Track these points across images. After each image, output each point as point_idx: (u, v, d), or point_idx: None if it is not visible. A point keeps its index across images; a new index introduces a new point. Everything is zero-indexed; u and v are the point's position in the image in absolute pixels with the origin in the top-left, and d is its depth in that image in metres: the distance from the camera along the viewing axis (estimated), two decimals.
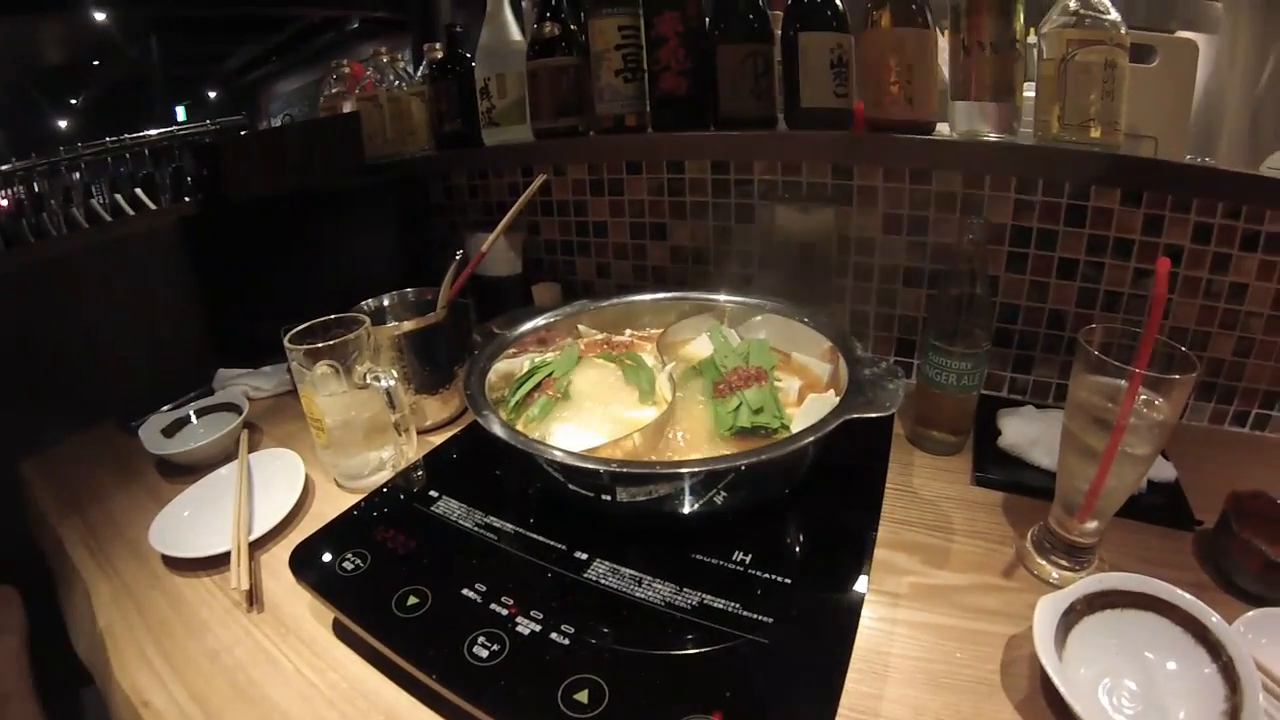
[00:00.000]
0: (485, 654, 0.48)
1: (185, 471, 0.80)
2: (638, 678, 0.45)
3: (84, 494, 0.81)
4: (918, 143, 0.79)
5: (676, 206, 1.02)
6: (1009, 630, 0.51)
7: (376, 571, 0.57)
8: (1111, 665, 0.47)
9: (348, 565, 0.59)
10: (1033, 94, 0.77)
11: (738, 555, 0.56)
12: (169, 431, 0.86)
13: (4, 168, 1.23)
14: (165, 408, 0.93)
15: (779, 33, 0.88)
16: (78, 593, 0.67)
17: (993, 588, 0.56)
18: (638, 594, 0.52)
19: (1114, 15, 0.71)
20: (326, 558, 0.60)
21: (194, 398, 0.94)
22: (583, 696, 0.44)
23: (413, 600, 0.53)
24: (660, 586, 0.53)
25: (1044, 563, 0.57)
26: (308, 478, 0.77)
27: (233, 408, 0.89)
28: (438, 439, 0.81)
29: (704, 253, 1.02)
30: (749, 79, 0.89)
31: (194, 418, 0.90)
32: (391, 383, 0.70)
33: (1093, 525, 0.55)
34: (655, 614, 0.51)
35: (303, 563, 0.60)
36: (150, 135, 1.43)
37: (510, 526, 0.62)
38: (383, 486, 0.71)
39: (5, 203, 1.27)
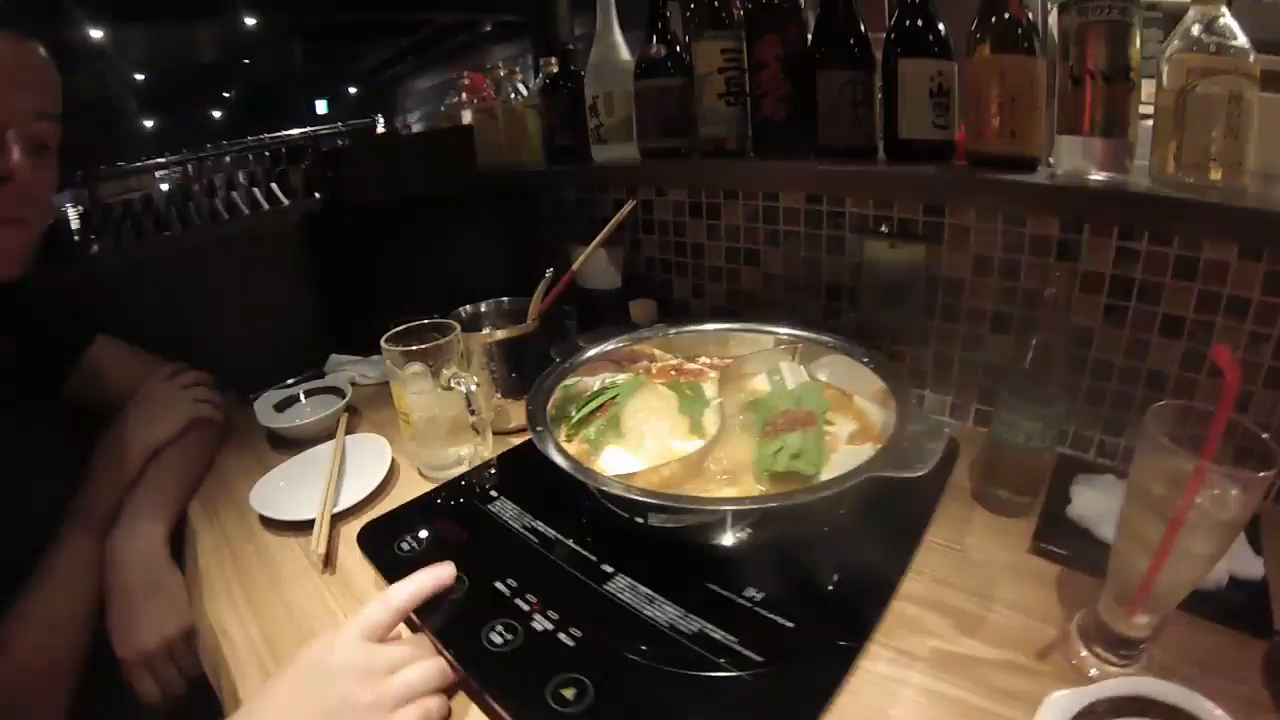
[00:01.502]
0: (500, 641, 0.53)
1: (290, 444, 0.91)
2: (620, 686, 0.48)
3: None
4: (1009, 184, 0.74)
5: (770, 234, 1.02)
6: (1026, 719, 0.48)
7: (427, 555, 0.64)
8: None
9: (405, 547, 0.66)
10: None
11: (749, 592, 0.56)
12: (280, 407, 0.98)
13: (159, 160, 1.45)
14: (279, 385, 1.04)
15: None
16: (188, 533, 0.80)
17: (1022, 669, 0.52)
18: (646, 612, 0.55)
19: (1242, 40, 0.63)
20: (389, 537, 0.68)
21: (306, 378, 1.06)
22: (569, 693, 0.48)
23: (497, 640, 0.56)
24: (669, 609, 0.55)
25: (1085, 652, 0.52)
26: (394, 463, 0.85)
27: (338, 391, 1.00)
28: (518, 440, 0.87)
29: (795, 281, 1.01)
30: (847, 107, 0.87)
31: (303, 397, 1.01)
32: (473, 388, 0.76)
33: (1144, 620, 0.50)
34: (657, 633, 0.53)
35: (369, 538, 0.69)
36: (288, 135, 1.62)
37: (552, 532, 0.67)
38: (458, 479, 0.78)
39: (166, 185, 1.48)
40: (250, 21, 6.62)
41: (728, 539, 0.58)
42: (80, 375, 0.89)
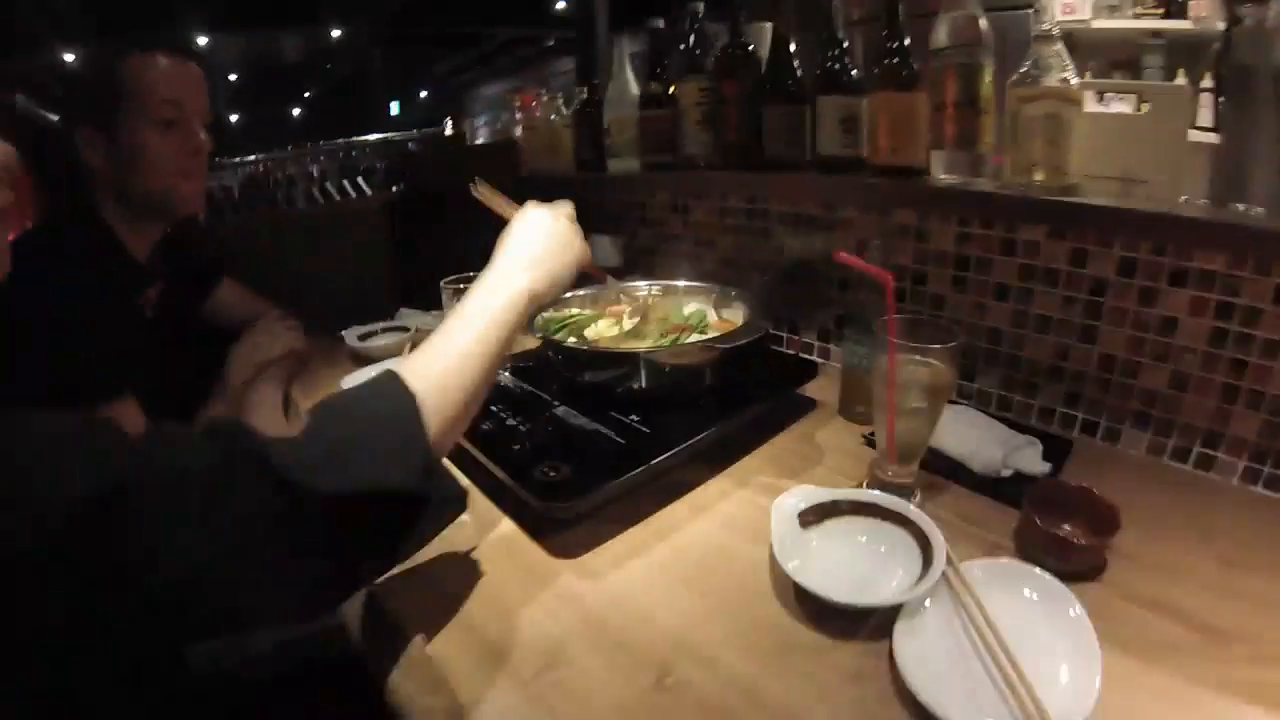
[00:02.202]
0: (517, 448, 0.81)
1: (367, 361, 1.24)
2: (575, 458, 0.77)
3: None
4: (877, 184, 1.00)
5: (725, 227, 1.30)
6: None
7: None
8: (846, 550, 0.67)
9: None
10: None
11: (633, 417, 0.86)
12: (362, 338, 1.32)
13: (266, 155, 1.86)
14: (360, 325, 1.38)
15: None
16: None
17: None
18: (575, 423, 0.86)
19: (1064, 74, 0.85)
20: None
21: (381, 323, 1.40)
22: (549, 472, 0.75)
23: (485, 426, 0.87)
24: (586, 422, 0.85)
25: None
26: None
27: (405, 330, 1.33)
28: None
29: (737, 260, 1.29)
30: (783, 131, 1.14)
31: (379, 333, 1.35)
32: None
33: (899, 469, 0.74)
34: (585, 433, 0.83)
35: None
36: (370, 139, 2.03)
37: (529, 387, 0.98)
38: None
39: (260, 168, 1.88)
40: (335, 33, 7.38)
41: (625, 386, 0.88)
42: (210, 304, 1.26)
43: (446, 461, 0.61)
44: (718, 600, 0.63)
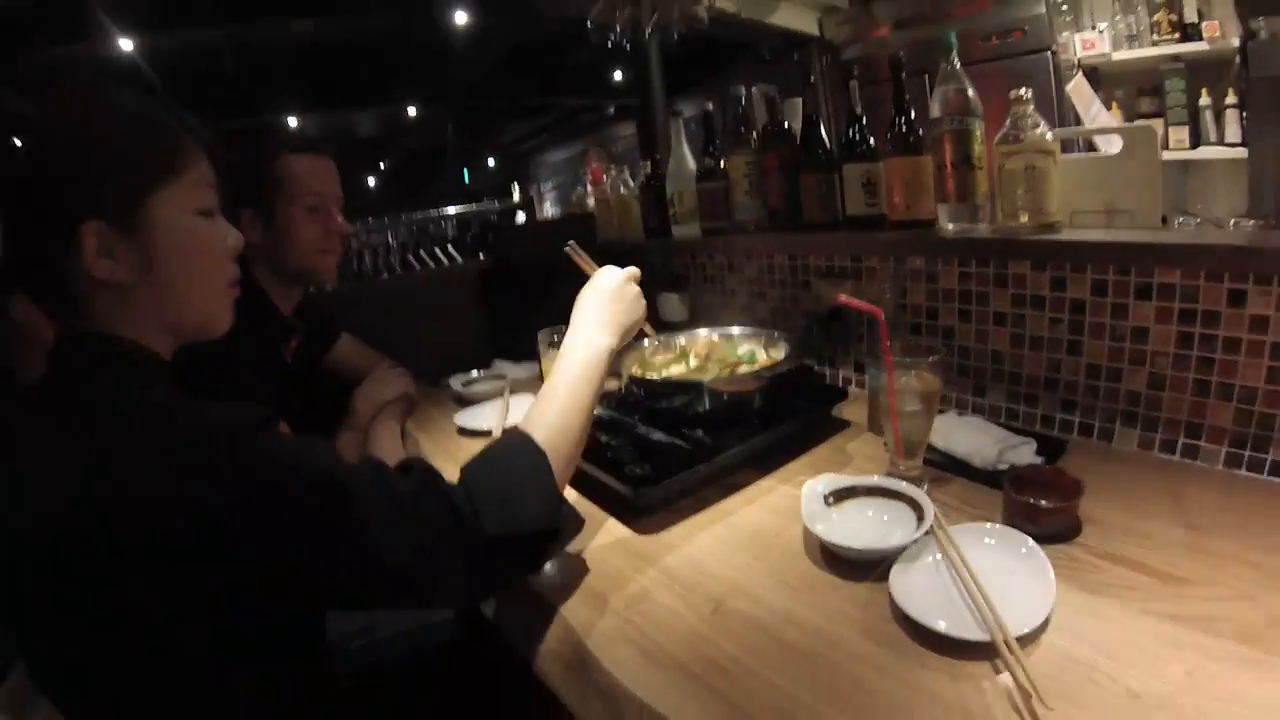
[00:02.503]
0: (610, 456, 1.04)
1: (471, 403, 1.51)
2: (654, 461, 1.00)
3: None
4: (895, 238, 1.21)
5: (772, 280, 1.53)
6: None
7: None
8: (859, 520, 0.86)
9: None
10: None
11: (699, 432, 1.08)
12: (465, 384, 1.59)
13: (365, 229, 2.23)
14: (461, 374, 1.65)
15: None
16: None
17: None
18: (654, 438, 1.09)
19: (1038, 129, 1.02)
20: None
21: (478, 371, 1.68)
22: (635, 468, 0.98)
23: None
24: (662, 437, 1.08)
25: None
26: None
27: (501, 377, 1.59)
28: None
29: (783, 309, 1.51)
30: (817, 197, 1.36)
31: (478, 380, 1.62)
32: None
33: (907, 462, 0.92)
34: (661, 444, 1.07)
35: None
36: (449, 211, 2.39)
37: (617, 415, 1.21)
38: None
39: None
40: (411, 112, 8.00)
41: (693, 410, 1.10)
42: (331, 355, 1.55)
43: None
44: (762, 559, 0.84)
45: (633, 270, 0.97)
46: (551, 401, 0.81)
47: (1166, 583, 0.69)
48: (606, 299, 0.91)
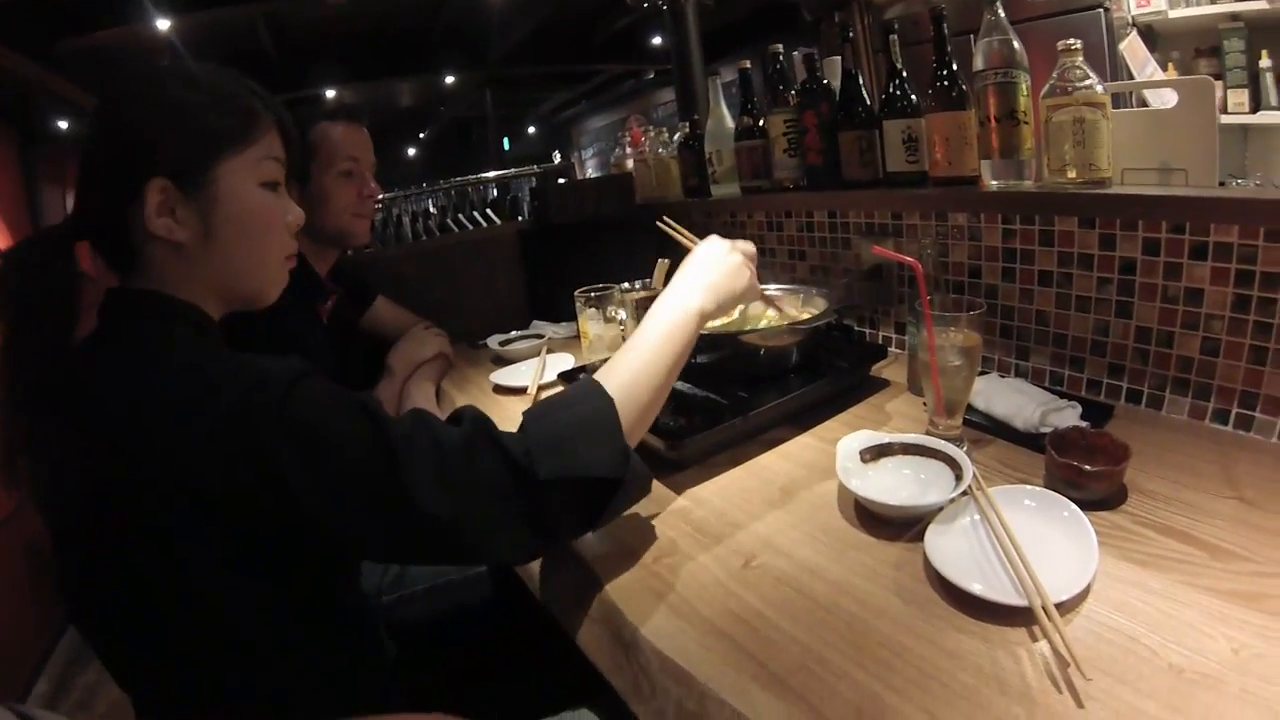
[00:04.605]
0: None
1: (507, 362, 1.53)
2: (689, 416, 1.01)
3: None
4: (938, 194, 1.17)
5: (812, 239, 1.50)
6: None
7: None
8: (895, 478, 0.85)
9: None
10: None
11: (740, 391, 1.07)
12: (502, 343, 1.62)
13: (404, 193, 2.26)
14: (499, 334, 1.68)
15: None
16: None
17: None
18: (691, 394, 1.10)
19: (1087, 82, 0.96)
20: None
21: (516, 331, 1.70)
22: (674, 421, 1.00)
23: None
24: (700, 393, 1.09)
25: None
26: (574, 363, 1.43)
27: (539, 336, 1.62)
28: None
29: (823, 266, 1.49)
30: (856, 154, 1.33)
31: (516, 340, 1.64)
32: (623, 318, 1.30)
33: (948, 420, 0.91)
34: (698, 399, 1.08)
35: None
36: (488, 176, 2.41)
37: None
38: None
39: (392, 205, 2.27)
40: (449, 80, 8.00)
41: (729, 365, 1.10)
42: (367, 316, 1.59)
43: None
44: (794, 514, 0.84)
45: (743, 243, 0.95)
46: (629, 354, 0.79)
47: (1215, 556, 0.66)
48: (706, 264, 0.90)
